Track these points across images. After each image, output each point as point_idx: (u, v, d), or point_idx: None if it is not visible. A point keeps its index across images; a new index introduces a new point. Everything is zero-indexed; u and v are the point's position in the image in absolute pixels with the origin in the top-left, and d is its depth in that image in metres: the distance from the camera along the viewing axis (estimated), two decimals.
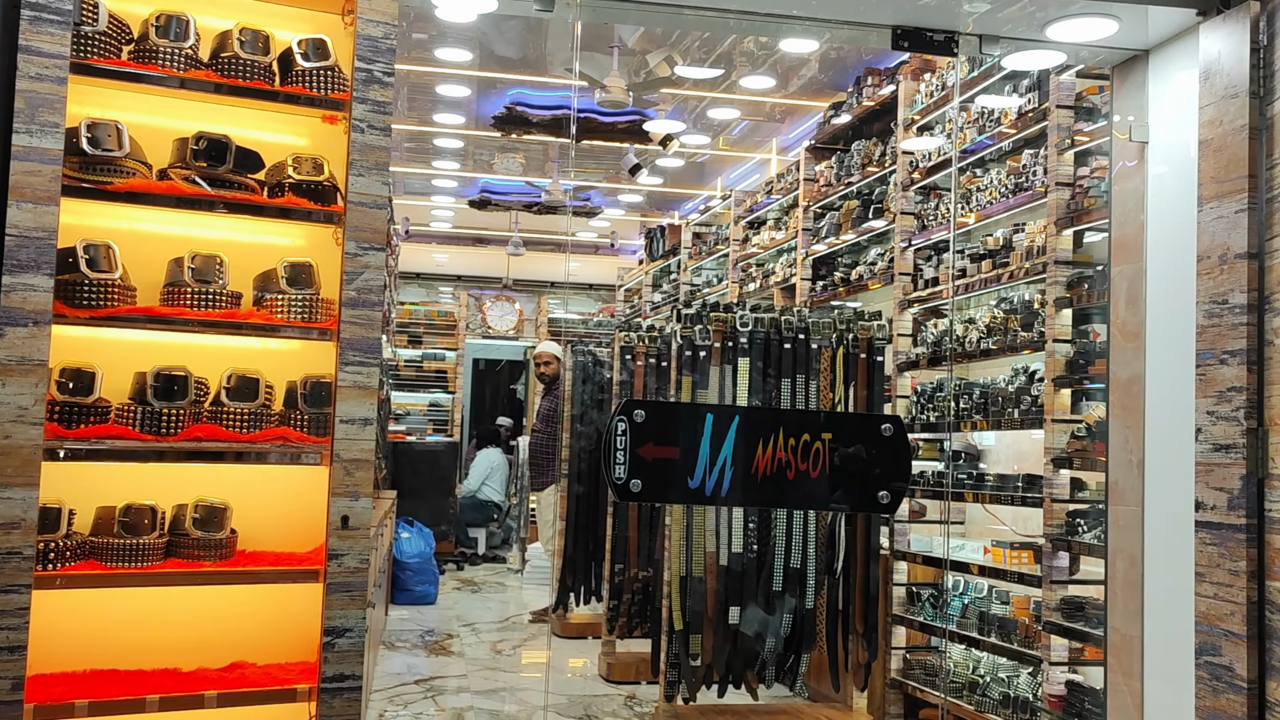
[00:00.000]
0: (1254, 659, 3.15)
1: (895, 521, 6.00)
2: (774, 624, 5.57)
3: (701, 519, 5.59)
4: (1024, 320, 5.02)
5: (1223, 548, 3.27)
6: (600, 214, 11.54)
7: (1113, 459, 4.00)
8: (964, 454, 5.82)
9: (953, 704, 5.33)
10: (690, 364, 5.69)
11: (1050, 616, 4.55)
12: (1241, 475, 3.21)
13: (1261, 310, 3.22)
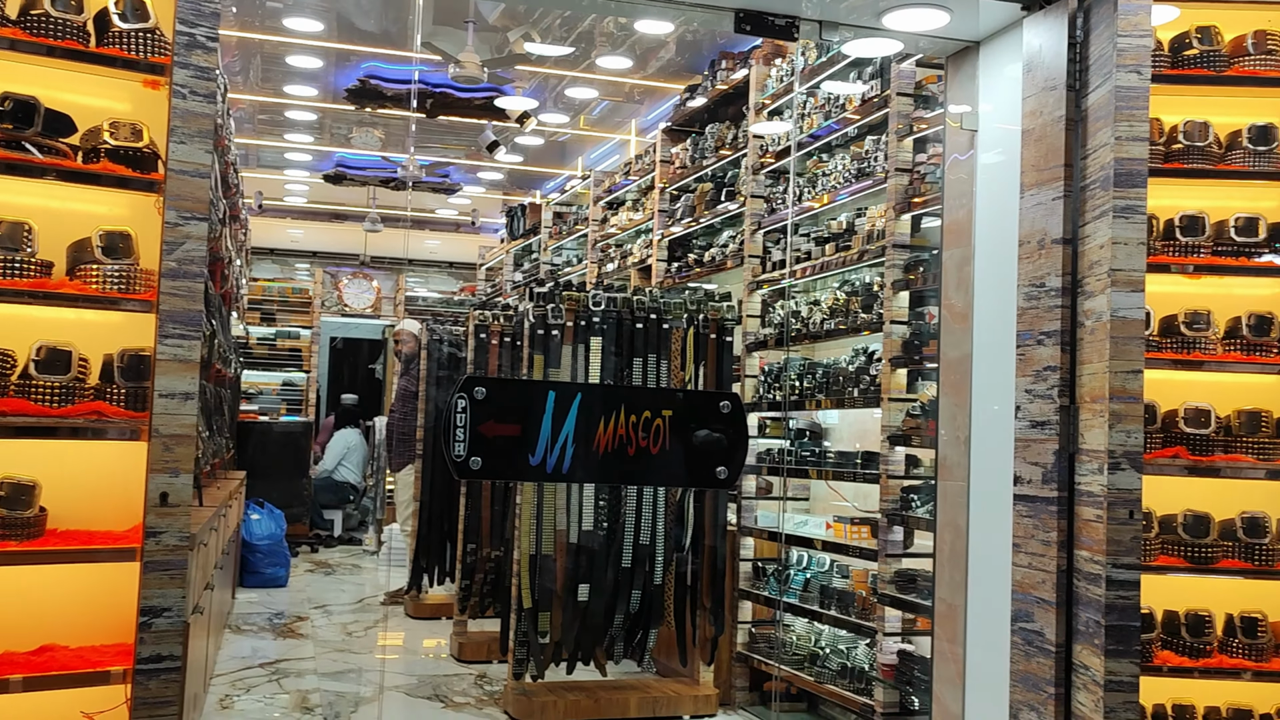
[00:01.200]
0: (1062, 624, 3.31)
1: (743, 498, 6.11)
2: (623, 600, 5.62)
3: (552, 497, 5.61)
4: (864, 302, 5.16)
5: (1037, 519, 3.43)
6: (460, 191, 11.41)
7: (942, 436, 4.15)
8: (809, 432, 5.96)
9: (794, 675, 5.47)
10: (543, 343, 5.68)
11: (885, 589, 4.70)
12: (1055, 450, 3.36)
13: (1075, 293, 3.37)
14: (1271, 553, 3.11)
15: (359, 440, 11.54)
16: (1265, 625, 3.12)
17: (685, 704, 5.74)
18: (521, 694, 5.56)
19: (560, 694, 5.60)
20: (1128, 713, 3.06)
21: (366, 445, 11.51)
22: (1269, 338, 3.17)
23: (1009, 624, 3.55)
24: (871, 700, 4.76)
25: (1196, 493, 3.23)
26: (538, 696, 5.55)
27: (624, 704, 5.64)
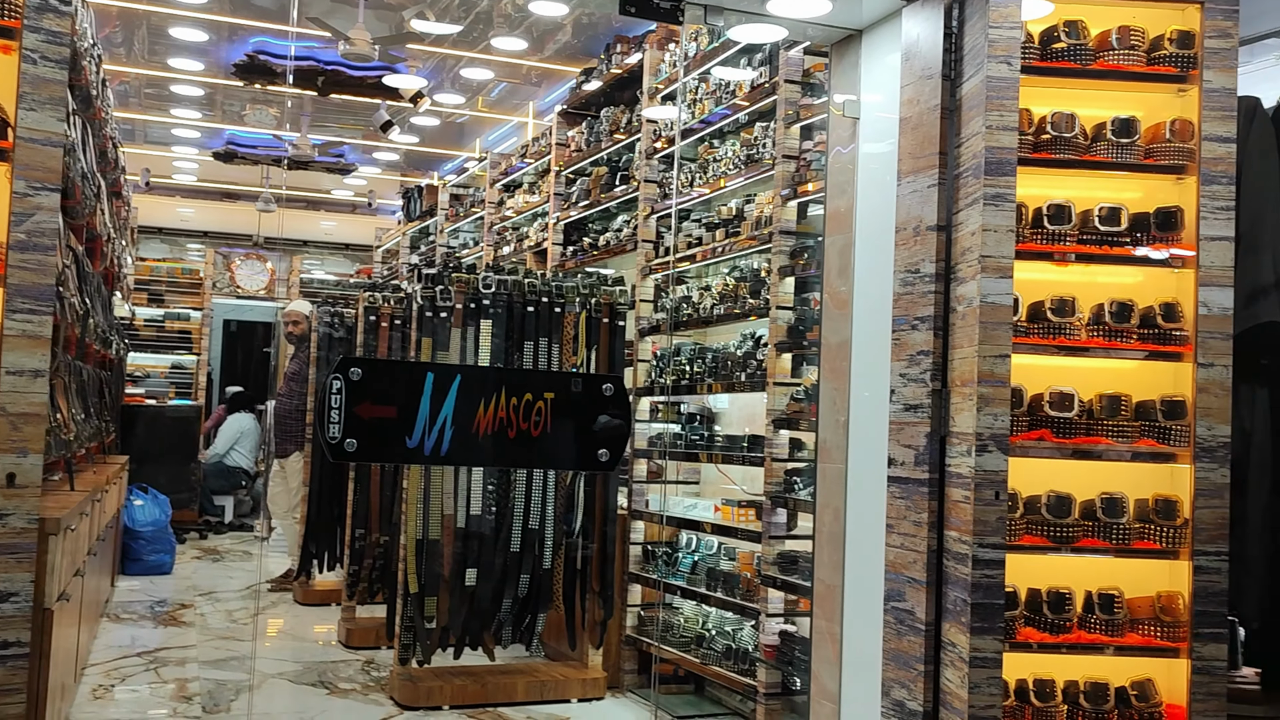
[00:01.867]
0: (932, 603, 3.39)
1: (634, 482, 6.12)
2: (511, 585, 5.60)
3: (440, 482, 5.56)
4: (753, 288, 5.21)
5: (909, 501, 3.50)
6: (355, 171, 11.23)
7: (822, 419, 4.20)
8: (699, 416, 5.99)
9: (681, 658, 5.51)
10: (431, 326, 5.62)
11: (768, 570, 4.76)
12: (926, 433, 3.43)
13: (948, 279, 3.44)
14: (1128, 532, 3.22)
15: (252, 424, 11.30)
16: (1121, 602, 3.23)
17: (573, 687, 5.74)
18: (407, 680, 5.51)
19: (446, 679, 5.56)
20: (991, 688, 3.14)
21: (260, 429, 11.27)
22: (1129, 324, 3.27)
23: (882, 603, 3.62)
24: (755, 681, 4.81)
25: (1060, 474, 3.33)
26: (423, 682, 5.50)
27: (511, 688, 5.62)
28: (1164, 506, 3.26)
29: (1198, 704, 3.17)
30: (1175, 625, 3.22)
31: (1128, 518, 3.25)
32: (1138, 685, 3.25)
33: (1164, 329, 3.28)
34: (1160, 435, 3.27)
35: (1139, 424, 3.29)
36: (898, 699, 3.50)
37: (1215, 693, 3.17)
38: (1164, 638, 3.22)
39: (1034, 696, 3.23)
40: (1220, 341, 3.24)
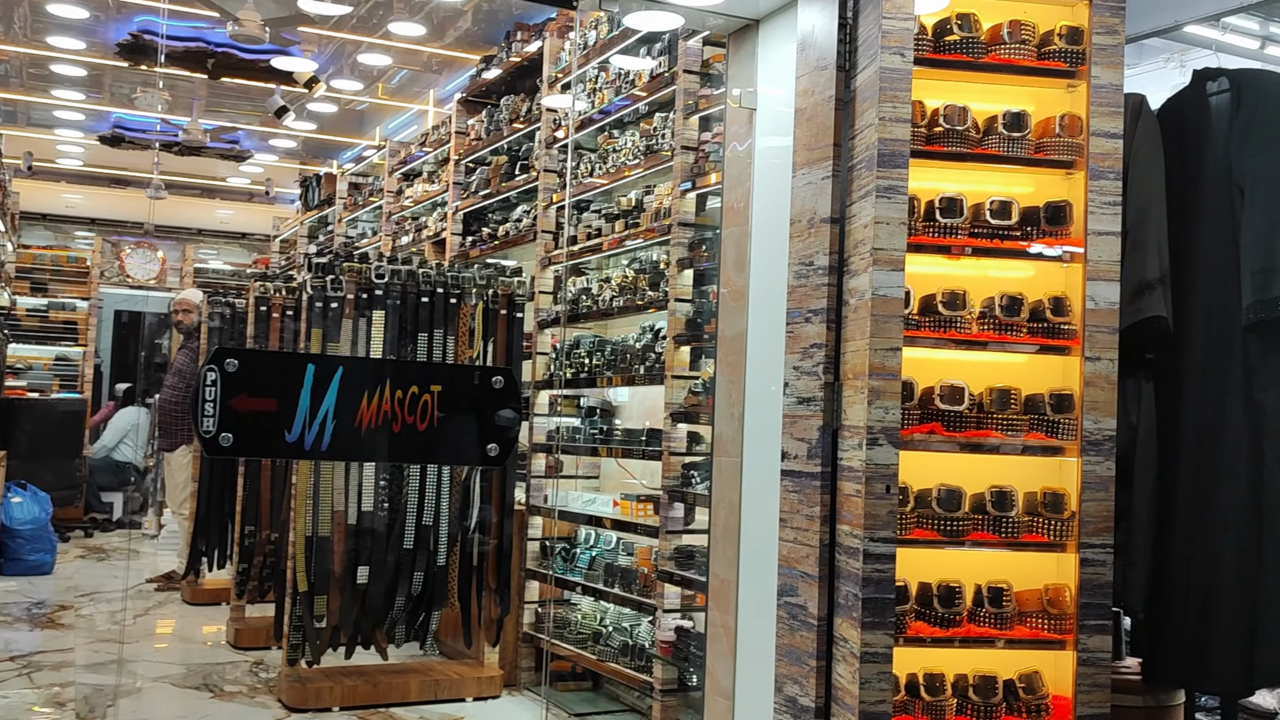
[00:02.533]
0: (824, 598, 3.36)
1: (532, 477, 6.03)
2: (405, 582, 5.47)
3: (330, 477, 5.40)
4: (652, 280, 5.15)
5: (802, 494, 3.47)
6: (251, 158, 10.90)
7: (718, 413, 4.16)
8: (599, 410, 5.92)
9: (578, 655, 5.44)
10: (322, 316, 5.46)
11: (665, 565, 4.71)
12: (819, 426, 3.40)
13: (841, 272, 3.41)
14: (1017, 525, 3.23)
15: (143, 418, 10.92)
16: (1010, 595, 3.24)
17: (468, 686, 5.64)
18: (296, 681, 5.34)
19: (337, 679, 5.42)
20: (881, 683, 3.12)
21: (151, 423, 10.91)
22: (1019, 318, 3.28)
23: (776, 598, 3.59)
24: (651, 677, 4.76)
25: (951, 467, 3.32)
26: (313, 683, 5.35)
27: (404, 688, 5.50)
28: (1052, 500, 3.27)
29: (1083, 695, 3.20)
30: (1062, 617, 3.24)
31: (1017, 511, 3.26)
32: (1025, 678, 3.26)
33: (1053, 323, 3.30)
34: (1049, 429, 3.28)
35: (1028, 417, 3.30)
36: (790, 695, 3.47)
37: (1100, 684, 3.20)
38: (1051, 630, 3.24)
39: (924, 691, 3.22)
40: (1107, 336, 3.26)
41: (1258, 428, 3.27)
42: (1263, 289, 3.23)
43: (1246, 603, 3.25)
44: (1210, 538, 3.30)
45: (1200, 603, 3.29)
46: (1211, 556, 3.29)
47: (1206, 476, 3.33)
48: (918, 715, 3.21)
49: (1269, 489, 3.26)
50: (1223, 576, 3.26)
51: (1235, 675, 3.26)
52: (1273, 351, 3.27)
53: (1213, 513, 3.30)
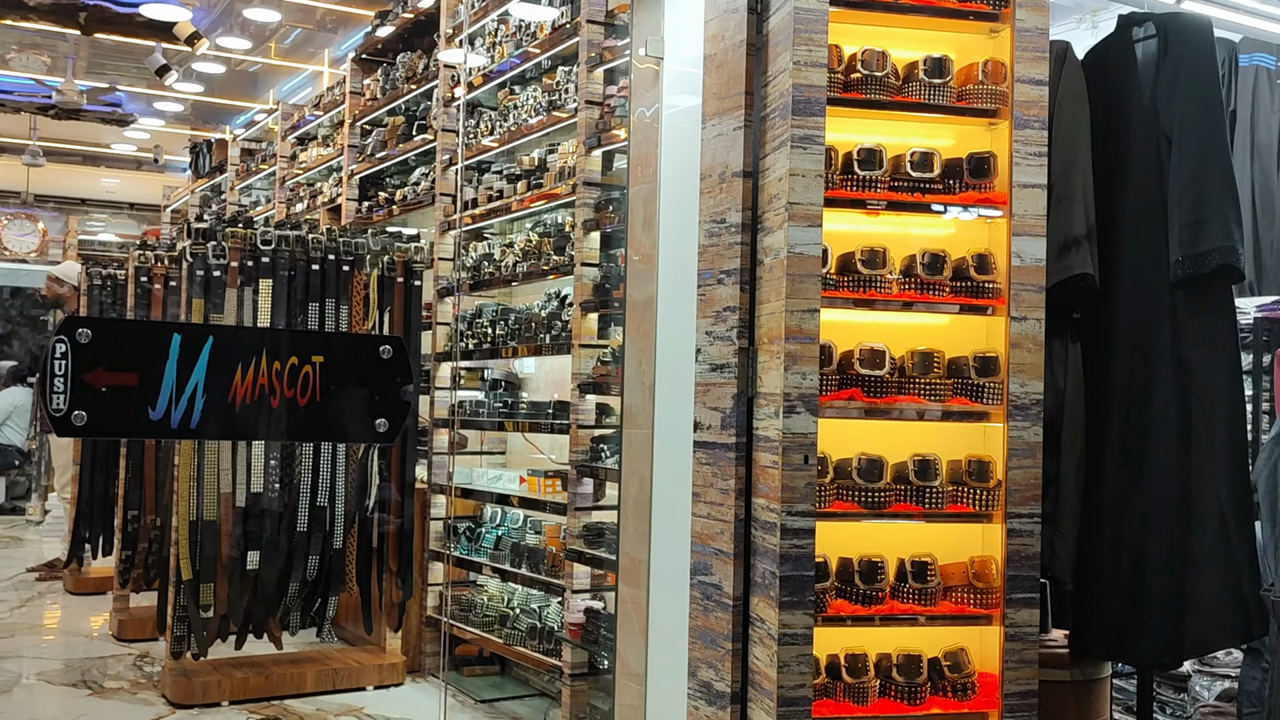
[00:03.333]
0: (740, 576, 3.16)
1: (434, 454, 5.75)
2: (299, 567, 5.16)
3: (215, 457, 5.06)
4: (557, 243, 4.89)
5: (715, 467, 3.26)
6: (135, 123, 10.33)
7: (627, 382, 3.93)
8: (504, 382, 5.65)
9: (484, 638, 5.19)
10: (203, 286, 5.10)
11: (573, 544, 4.48)
12: (733, 395, 3.19)
13: (755, 229, 3.20)
14: (941, 495, 3.06)
15: (26, 399, 10.35)
16: (934, 569, 3.07)
17: (369, 674, 5.36)
18: (181, 675, 5.01)
19: (226, 672, 5.09)
20: (801, 666, 2.93)
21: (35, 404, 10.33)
22: (941, 276, 3.09)
23: (689, 577, 3.38)
24: (560, 661, 4.53)
25: (872, 435, 3.14)
26: (199, 676, 5.02)
27: (299, 679, 5.20)
28: (977, 468, 3.11)
29: (1010, 671, 3.04)
30: (988, 591, 3.08)
31: (940, 480, 3.08)
32: (951, 655, 3.10)
33: (977, 281, 3.12)
34: (973, 393, 3.11)
35: (952, 381, 3.12)
36: (704, 679, 3.27)
37: (1027, 659, 3.05)
38: (977, 605, 3.08)
39: (846, 672, 3.04)
40: (1033, 294, 3.09)
41: (1186, 389, 3.13)
42: (1190, 243, 3.09)
43: (1175, 571, 3.12)
44: (1138, 504, 3.17)
45: (1129, 572, 3.15)
46: (1140, 523, 3.16)
47: (1135, 440, 3.19)
48: (839, 699, 3.03)
49: (1197, 452, 3.13)
50: (1151, 544, 3.13)
51: (1164, 646, 3.13)
52: (1201, 309, 3.13)
53: (1141, 478, 3.16)
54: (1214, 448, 3.09)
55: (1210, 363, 3.09)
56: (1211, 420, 3.09)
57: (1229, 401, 3.11)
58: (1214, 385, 3.09)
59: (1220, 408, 3.09)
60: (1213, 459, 3.08)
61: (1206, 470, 3.09)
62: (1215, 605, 3.05)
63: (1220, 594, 3.05)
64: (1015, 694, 3.04)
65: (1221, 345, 3.11)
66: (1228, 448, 3.09)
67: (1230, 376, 3.12)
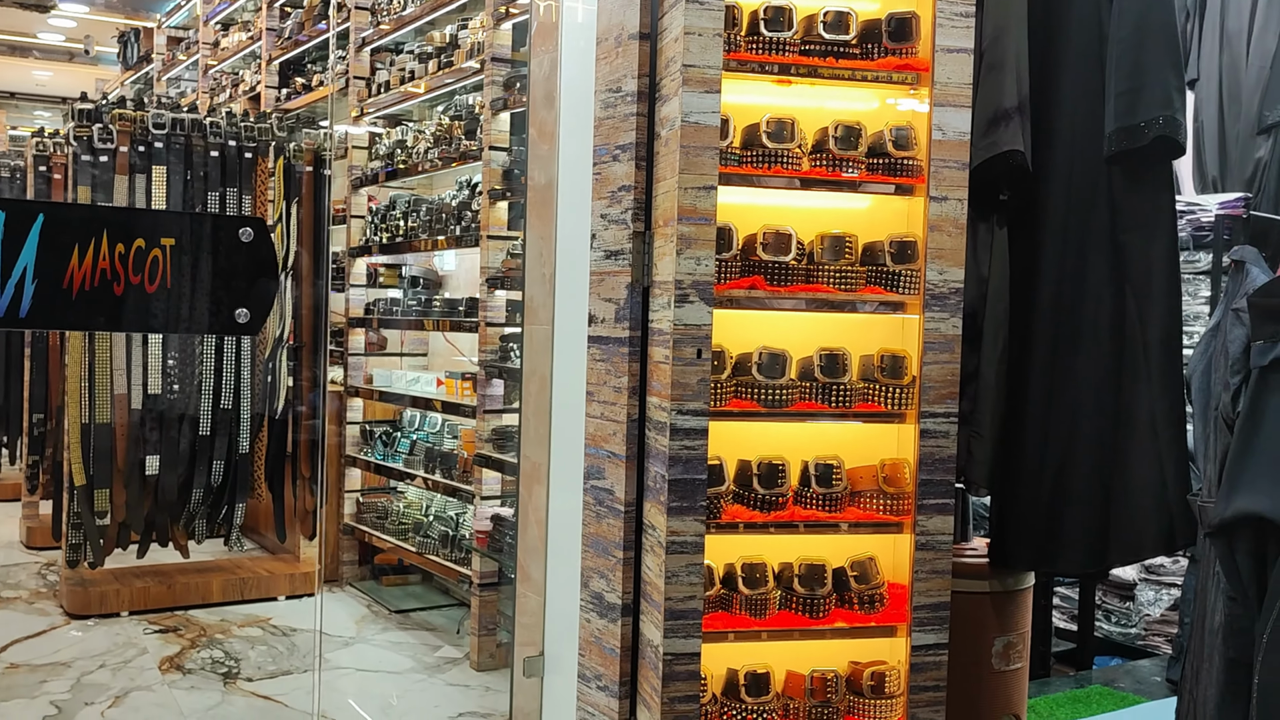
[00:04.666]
0: (633, 481, 2.91)
1: (350, 355, 5.46)
2: (202, 472, 4.90)
3: (106, 356, 4.75)
4: (468, 128, 4.55)
5: (609, 364, 2.98)
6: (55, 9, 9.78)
7: (528, 274, 3.63)
8: (422, 279, 5.34)
9: (399, 547, 4.96)
10: (90, 172, 4.74)
11: (482, 449, 4.22)
12: (628, 284, 2.90)
13: (652, 98, 2.87)
14: (850, 393, 2.80)
15: None
16: (841, 473, 2.82)
17: (280, 584, 5.13)
18: (77, 585, 4.77)
19: (127, 581, 4.85)
20: (691, 577, 2.69)
21: None
22: (855, 152, 2.79)
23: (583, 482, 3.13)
24: (470, 571, 4.31)
25: (775, 328, 2.87)
26: (97, 586, 4.78)
27: (205, 588, 4.96)
28: (891, 363, 2.84)
29: (920, 583, 2.81)
30: (899, 497, 2.83)
31: (850, 377, 2.82)
32: (858, 565, 2.87)
33: (895, 158, 2.82)
34: (889, 281, 2.83)
35: (865, 269, 2.84)
36: (596, 590, 3.03)
37: (939, 570, 2.81)
38: (887, 511, 2.83)
39: (743, 583, 2.80)
40: (956, 172, 2.80)
41: (1121, 277, 2.86)
42: (1128, 113, 2.78)
43: (1100, 476, 2.88)
44: (1064, 404, 2.91)
45: (1052, 476, 2.91)
46: (1065, 425, 2.91)
47: (1065, 335, 2.92)
48: (736, 611, 2.80)
49: (1130, 348, 2.87)
50: (1076, 447, 2.89)
51: (1087, 555, 2.91)
52: (1138, 188, 2.84)
53: (1069, 375, 2.90)
54: (1147, 343, 2.83)
55: (1146, 247, 2.82)
56: (1145, 313, 2.82)
57: (1165, 292, 2.84)
58: (1149, 273, 2.82)
59: (1155, 299, 2.83)
60: (1144, 355, 2.82)
61: (1138, 366, 2.83)
62: (1141, 512, 2.82)
63: (1146, 501, 2.82)
64: (926, 606, 2.82)
65: (1158, 228, 2.83)
66: (1161, 343, 2.83)
67: (1167, 264, 2.84)
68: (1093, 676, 5.19)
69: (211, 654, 4.28)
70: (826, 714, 2.82)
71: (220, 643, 4.44)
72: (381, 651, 4.41)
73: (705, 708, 2.77)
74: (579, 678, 3.12)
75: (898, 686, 2.85)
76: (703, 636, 2.73)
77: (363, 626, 4.73)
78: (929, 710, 2.83)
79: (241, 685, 3.93)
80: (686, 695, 2.71)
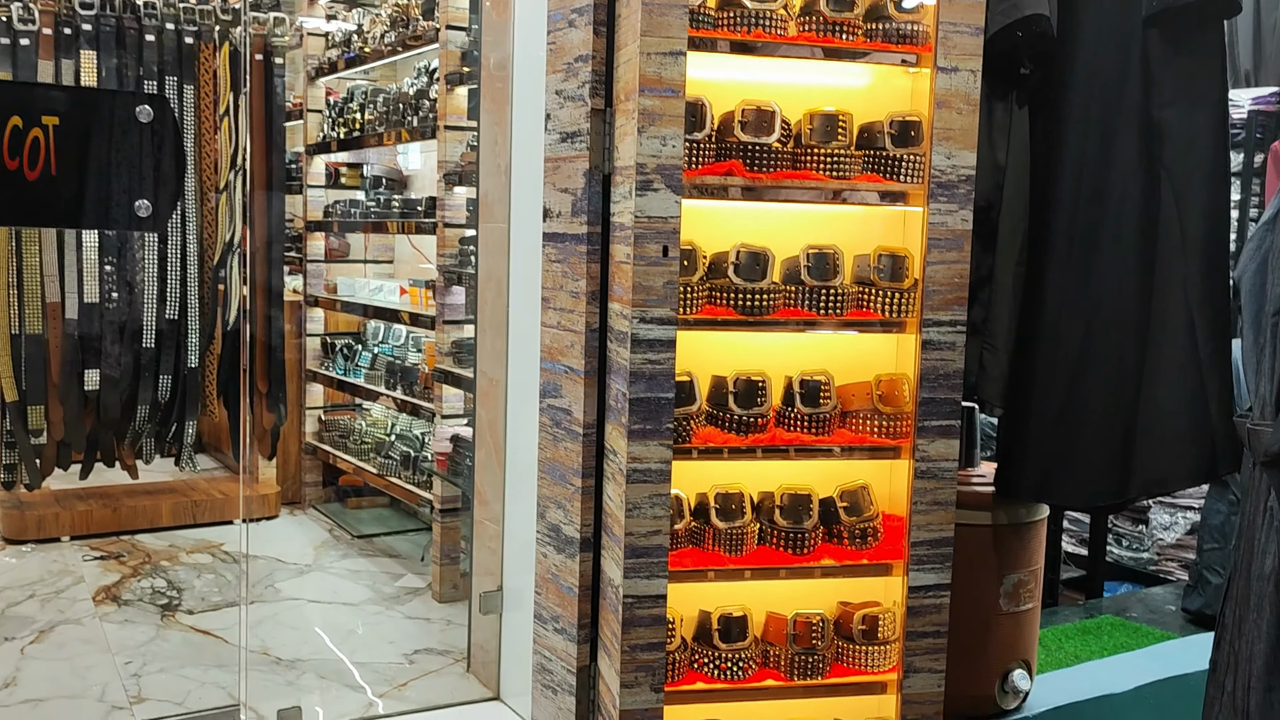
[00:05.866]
0: (593, 400, 2.54)
1: (309, 261, 5.06)
2: (148, 388, 4.54)
3: (36, 261, 4.36)
4: (425, 6, 4.09)
5: (565, 264, 2.60)
6: None
7: (483, 166, 3.23)
8: (385, 179, 4.93)
9: (361, 468, 4.62)
10: (10, 56, 4.30)
11: (442, 362, 3.85)
12: (585, 171, 2.50)
13: None
14: (842, 297, 2.41)
15: None
16: (830, 390, 2.46)
17: (233, 507, 4.80)
18: (14, 508, 4.45)
19: (68, 504, 4.53)
20: (655, 509, 2.34)
21: None
22: (850, 14, 2.37)
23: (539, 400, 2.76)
24: (431, 494, 3.97)
25: (757, 224, 2.48)
26: (34, 509, 4.46)
27: (154, 512, 4.64)
28: (889, 264, 2.45)
29: (919, 515, 2.46)
30: (897, 418, 2.47)
31: (842, 279, 2.43)
32: (849, 495, 2.52)
33: (896, 21, 2.40)
34: (889, 168, 2.43)
35: (861, 154, 2.44)
36: (553, 522, 2.69)
37: (941, 501, 2.46)
38: (883, 434, 2.47)
39: (716, 515, 2.45)
40: (969, 38, 2.38)
41: (1155, 159, 2.46)
42: None
43: (1124, 393, 2.51)
44: (1083, 307, 2.52)
45: (1064, 391, 2.53)
46: (1083, 331, 2.52)
47: (1086, 229, 2.53)
48: (709, 546, 2.46)
49: (1164, 244, 2.48)
50: (1096, 357, 2.51)
51: (1104, 485, 2.55)
52: (1180, 55, 2.42)
53: (1090, 275, 2.51)
54: (1186, 238, 2.44)
55: (1188, 123, 2.40)
56: (1185, 202, 2.42)
57: (1210, 174, 2.43)
58: (1191, 154, 2.41)
59: (1197, 185, 2.42)
60: (1183, 252, 2.43)
61: (1174, 267, 2.44)
62: (1173, 436, 2.46)
63: (1180, 424, 2.45)
64: (925, 542, 2.47)
65: (1204, 101, 2.41)
66: (1204, 237, 2.44)
67: (1213, 139, 2.43)
68: (1103, 606, 4.89)
69: (153, 583, 3.97)
70: (811, 662, 2.49)
71: (165, 570, 4.13)
72: (338, 580, 4.09)
73: (673, 655, 2.44)
74: (535, 618, 2.79)
75: (892, 631, 2.52)
76: (670, 576, 2.39)
77: (322, 553, 4.41)
78: (927, 658, 2.50)
79: (180, 618, 3.62)
80: (650, 642, 2.38)
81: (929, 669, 2.51)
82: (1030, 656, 2.79)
